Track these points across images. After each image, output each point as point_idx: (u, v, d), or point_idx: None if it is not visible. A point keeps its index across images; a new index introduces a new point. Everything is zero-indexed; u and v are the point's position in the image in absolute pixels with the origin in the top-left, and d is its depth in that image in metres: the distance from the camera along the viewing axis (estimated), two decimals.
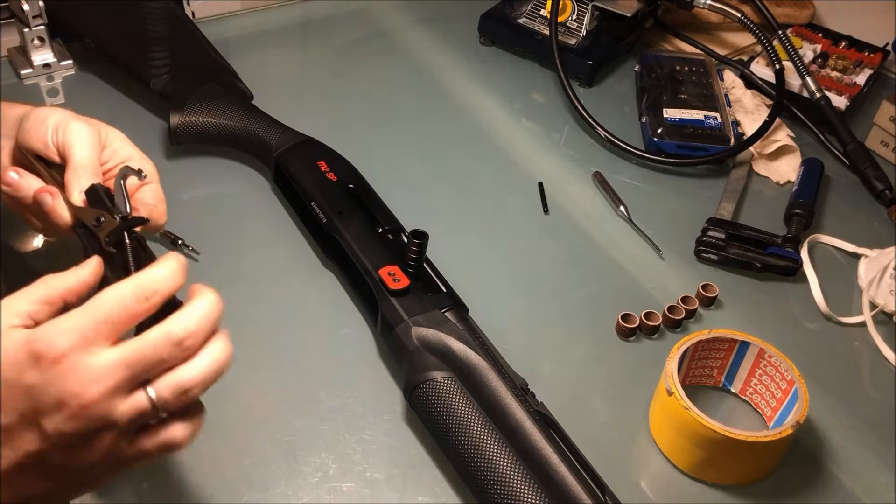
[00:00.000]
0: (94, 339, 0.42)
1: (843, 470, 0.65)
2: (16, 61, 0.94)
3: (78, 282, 0.47)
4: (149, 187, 0.62)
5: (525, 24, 1.06)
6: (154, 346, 0.43)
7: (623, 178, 0.90)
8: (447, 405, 0.58)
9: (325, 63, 1.04)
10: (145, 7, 0.93)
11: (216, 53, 0.92)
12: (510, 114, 0.99)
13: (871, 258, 0.81)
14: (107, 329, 0.42)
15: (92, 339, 0.42)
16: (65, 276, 0.47)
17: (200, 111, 0.82)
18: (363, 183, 0.78)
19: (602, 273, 0.80)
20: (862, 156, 0.92)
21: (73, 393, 0.41)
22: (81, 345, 0.42)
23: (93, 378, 0.42)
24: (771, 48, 0.94)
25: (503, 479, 0.54)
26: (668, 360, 0.63)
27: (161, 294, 0.44)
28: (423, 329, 0.62)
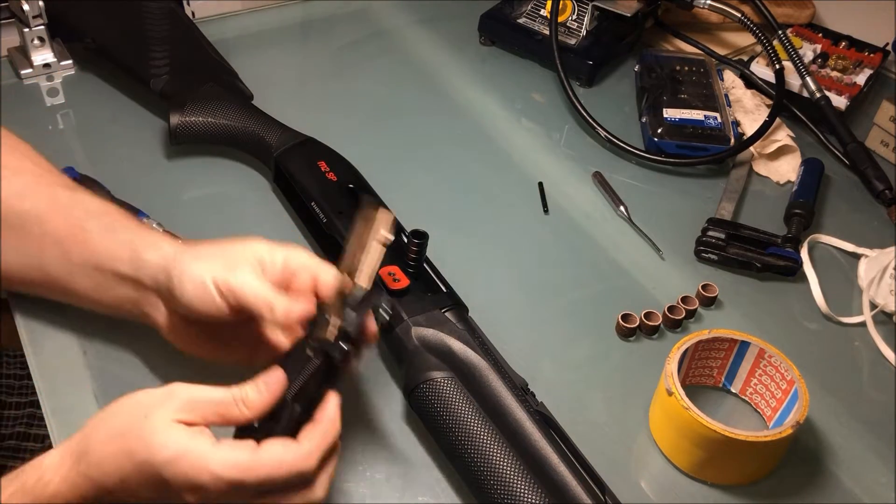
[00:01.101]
0: (246, 492, 0.47)
1: (843, 470, 0.65)
2: (16, 61, 0.94)
3: (262, 403, 0.49)
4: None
5: (525, 24, 1.06)
6: None
7: (623, 178, 0.90)
8: (447, 405, 0.58)
9: (325, 63, 1.04)
10: (145, 7, 0.93)
11: (216, 53, 0.92)
12: (510, 114, 0.99)
13: (871, 258, 0.81)
14: (259, 487, 0.47)
15: (246, 492, 0.47)
16: (252, 398, 0.49)
17: (200, 111, 0.82)
18: (363, 183, 0.78)
19: (602, 273, 0.80)
20: (862, 156, 0.92)
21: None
22: (240, 494, 0.47)
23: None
24: (771, 48, 0.94)
25: (503, 479, 0.54)
26: (668, 360, 0.63)
27: (309, 476, 0.49)
28: (423, 329, 0.62)
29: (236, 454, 0.46)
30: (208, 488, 0.46)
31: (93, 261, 0.59)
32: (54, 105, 0.92)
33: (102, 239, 0.59)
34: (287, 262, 0.56)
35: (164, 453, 0.46)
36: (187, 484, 0.46)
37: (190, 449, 0.46)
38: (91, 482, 0.47)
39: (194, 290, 0.54)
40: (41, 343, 0.67)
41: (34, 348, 0.67)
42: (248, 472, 0.46)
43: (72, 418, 0.62)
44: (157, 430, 0.46)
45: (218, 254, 0.56)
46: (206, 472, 0.45)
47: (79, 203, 0.61)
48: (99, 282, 0.60)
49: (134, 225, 0.61)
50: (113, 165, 0.83)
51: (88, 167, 0.81)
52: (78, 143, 0.87)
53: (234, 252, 0.56)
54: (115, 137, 0.88)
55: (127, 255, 0.58)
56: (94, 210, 0.61)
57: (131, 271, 0.58)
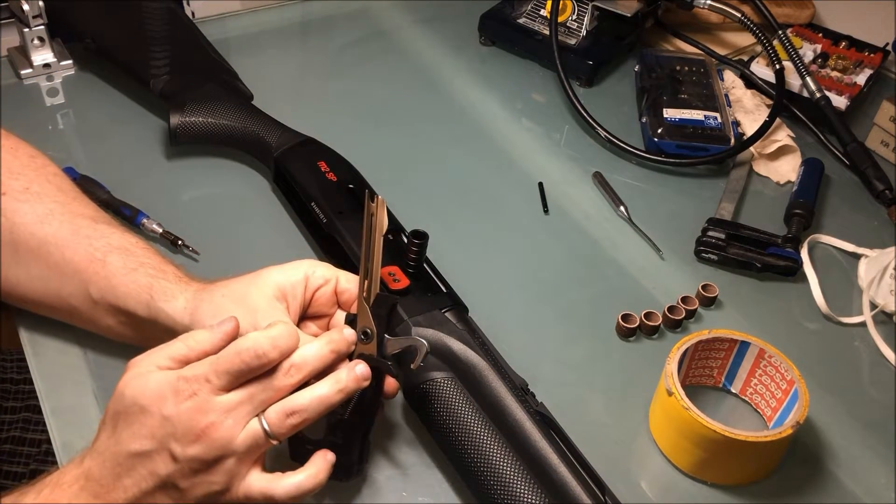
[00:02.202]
0: (220, 385, 0.49)
1: (843, 470, 0.65)
2: (16, 61, 0.94)
3: (213, 345, 0.51)
4: None
5: (525, 24, 1.06)
6: (265, 380, 0.51)
7: (623, 178, 0.90)
8: (447, 405, 0.58)
9: (325, 63, 1.04)
10: (145, 7, 0.93)
11: (216, 53, 0.92)
12: (510, 114, 0.99)
13: (871, 258, 0.81)
14: (229, 378, 0.50)
15: (217, 385, 0.49)
16: (202, 338, 0.52)
17: (200, 111, 0.82)
18: (363, 183, 0.78)
19: (602, 273, 0.80)
20: (862, 156, 0.92)
21: (202, 423, 0.49)
22: (210, 388, 0.49)
23: (220, 410, 0.49)
24: (771, 48, 0.94)
25: (503, 479, 0.54)
26: (668, 360, 0.63)
27: (269, 357, 0.50)
28: (423, 329, 0.62)
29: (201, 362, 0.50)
30: (179, 389, 0.49)
31: (111, 299, 0.60)
32: (54, 105, 0.92)
33: (122, 278, 0.60)
34: (308, 281, 0.57)
35: (114, 397, 0.50)
36: (160, 394, 0.49)
37: (158, 374, 0.49)
38: (93, 452, 0.51)
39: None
40: (41, 343, 0.67)
41: (34, 348, 0.67)
42: (213, 361, 0.50)
43: (72, 418, 0.62)
44: (123, 386, 0.50)
45: (234, 305, 0.57)
46: (174, 376, 0.49)
47: (102, 235, 0.62)
48: (120, 320, 0.61)
49: (154, 265, 0.61)
50: (113, 165, 0.83)
51: (88, 167, 0.81)
52: (78, 143, 0.87)
53: (251, 298, 0.57)
54: (115, 137, 0.88)
55: (144, 300, 0.59)
56: (115, 244, 0.61)
57: (148, 315, 0.59)
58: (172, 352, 0.51)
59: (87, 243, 0.61)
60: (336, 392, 0.52)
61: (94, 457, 0.50)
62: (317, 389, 0.51)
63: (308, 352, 0.52)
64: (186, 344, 0.51)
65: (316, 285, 0.58)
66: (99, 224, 0.63)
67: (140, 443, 0.49)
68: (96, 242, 0.61)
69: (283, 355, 0.50)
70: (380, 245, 0.54)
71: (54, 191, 0.64)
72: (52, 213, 0.62)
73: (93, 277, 0.60)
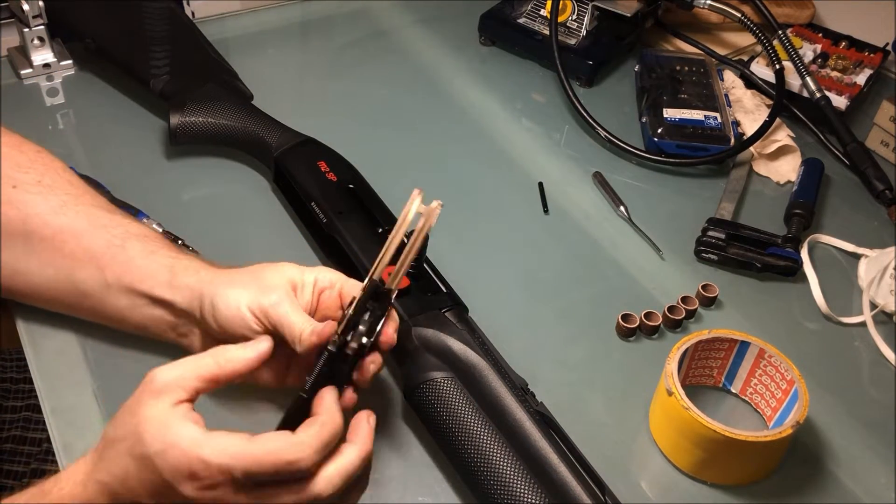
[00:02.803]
0: (239, 483, 0.46)
1: (843, 470, 0.65)
2: (16, 61, 0.94)
3: (245, 366, 0.51)
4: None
5: (525, 24, 1.06)
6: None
7: (623, 178, 0.90)
8: (447, 405, 0.58)
9: (325, 63, 1.04)
10: (145, 7, 0.93)
11: (216, 53, 0.92)
12: (510, 114, 0.99)
13: (871, 258, 0.81)
14: (250, 477, 0.47)
15: (243, 481, 0.46)
16: (234, 358, 0.50)
17: (200, 111, 0.82)
18: (363, 183, 0.78)
19: (602, 273, 0.80)
20: (862, 156, 0.92)
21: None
22: (234, 484, 0.46)
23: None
24: (771, 48, 0.94)
25: (503, 479, 0.54)
26: (668, 360, 0.63)
27: (303, 467, 0.47)
28: (423, 329, 0.62)
29: (228, 441, 0.46)
30: (200, 475, 0.46)
31: (128, 280, 0.60)
32: (54, 105, 0.92)
33: (142, 260, 0.60)
34: (316, 282, 0.57)
35: (156, 445, 0.46)
36: (179, 473, 0.46)
37: (181, 437, 0.46)
38: (100, 486, 0.48)
39: (228, 314, 0.56)
40: (41, 343, 0.67)
41: (34, 348, 0.67)
42: (239, 459, 0.46)
43: (72, 418, 0.62)
44: (145, 422, 0.47)
45: (251, 279, 0.57)
46: (196, 459, 0.45)
47: (118, 224, 0.63)
48: (133, 302, 0.61)
49: (173, 250, 0.62)
50: (113, 165, 0.83)
51: (88, 167, 0.81)
52: (78, 143, 0.87)
53: (267, 276, 0.57)
54: (115, 137, 0.88)
55: (165, 279, 0.60)
56: (134, 232, 0.62)
57: (167, 294, 0.60)
58: (202, 370, 0.49)
59: (105, 231, 0.62)
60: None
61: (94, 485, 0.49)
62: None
63: (348, 466, 0.49)
64: (217, 361, 0.50)
65: (322, 287, 0.58)
66: (114, 215, 0.64)
67: (150, 498, 0.48)
68: (114, 231, 0.62)
69: (318, 463, 0.48)
70: (393, 244, 0.53)
71: (65, 184, 0.64)
72: (65, 204, 0.63)
73: (110, 262, 0.61)
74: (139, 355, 0.66)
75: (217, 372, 0.50)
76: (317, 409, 0.50)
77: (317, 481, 0.48)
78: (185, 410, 0.48)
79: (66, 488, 0.49)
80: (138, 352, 0.66)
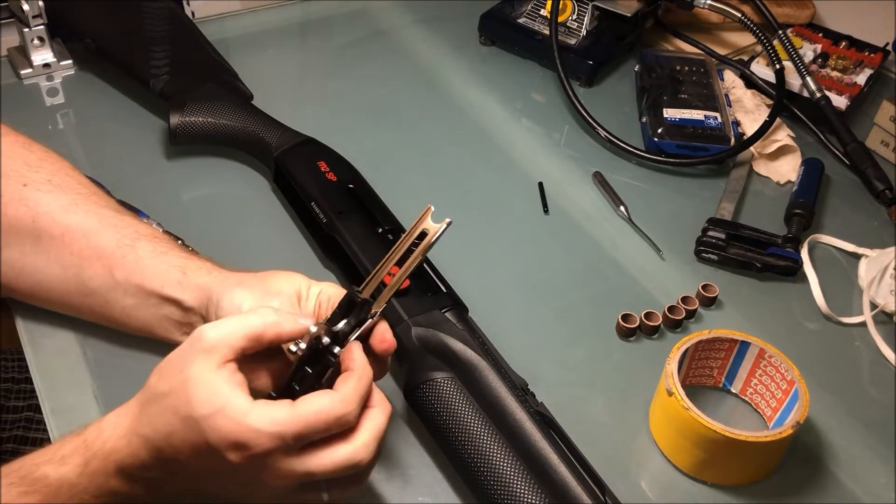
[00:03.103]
0: (290, 446, 0.47)
1: (843, 470, 0.65)
2: (16, 61, 0.94)
3: (290, 333, 0.51)
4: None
5: (525, 24, 1.06)
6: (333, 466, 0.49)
7: (623, 178, 0.90)
8: (447, 405, 0.58)
9: (325, 63, 1.04)
10: (145, 7, 0.93)
11: (216, 53, 0.92)
12: (510, 114, 0.99)
13: (871, 258, 0.81)
14: (302, 439, 0.47)
15: (290, 447, 0.47)
16: (283, 320, 0.50)
17: (200, 111, 0.82)
18: (363, 183, 0.78)
19: (602, 273, 0.80)
20: (862, 156, 0.92)
21: (261, 480, 0.48)
22: (285, 449, 0.47)
23: (280, 475, 0.48)
24: (771, 48, 0.94)
25: (503, 479, 0.54)
26: (668, 360, 0.63)
27: (350, 420, 0.49)
28: (423, 329, 0.62)
29: (274, 408, 0.47)
30: (249, 444, 0.46)
31: (137, 279, 0.60)
32: (54, 105, 0.92)
33: (153, 260, 0.61)
34: (320, 295, 0.57)
35: (203, 408, 0.46)
36: (228, 441, 0.46)
37: (229, 403, 0.46)
38: (144, 440, 0.48)
39: (229, 314, 0.56)
40: (41, 343, 0.67)
41: (34, 348, 0.67)
42: (288, 424, 0.46)
43: (72, 418, 0.62)
44: (193, 383, 0.47)
45: (258, 284, 0.57)
46: (245, 427, 0.46)
47: (128, 224, 0.63)
48: (140, 301, 0.61)
49: (184, 251, 0.63)
50: (113, 165, 0.83)
51: (88, 167, 0.81)
52: (78, 143, 0.87)
53: (274, 283, 0.57)
54: (115, 137, 0.88)
55: (176, 278, 0.60)
56: (144, 232, 0.63)
57: (177, 293, 0.60)
58: (248, 328, 0.49)
59: (115, 231, 0.62)
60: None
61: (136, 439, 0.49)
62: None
63: (381, 426, 0.51)
64: (264, 320, 0.50)
65: (320, 301, 0.58)
66: (124, 215, 0.64)
67: (194, 459, 0.48)
68: (124, 230, 0.62)
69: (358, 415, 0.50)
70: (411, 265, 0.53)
71: (75, 184, 0.65)
72: (75, 203, 0.63)
73: (119, 261, 0.61)
74: (139, 355, 0.66)
75: (262, 332, 0.49)
76: (348, 364, 0.51)
77: (359, 435, 0.49)
78: (231, 372, 0.48)
79: (109, 441, 0.49)
80: (138, 352, 0.66)
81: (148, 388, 0.49)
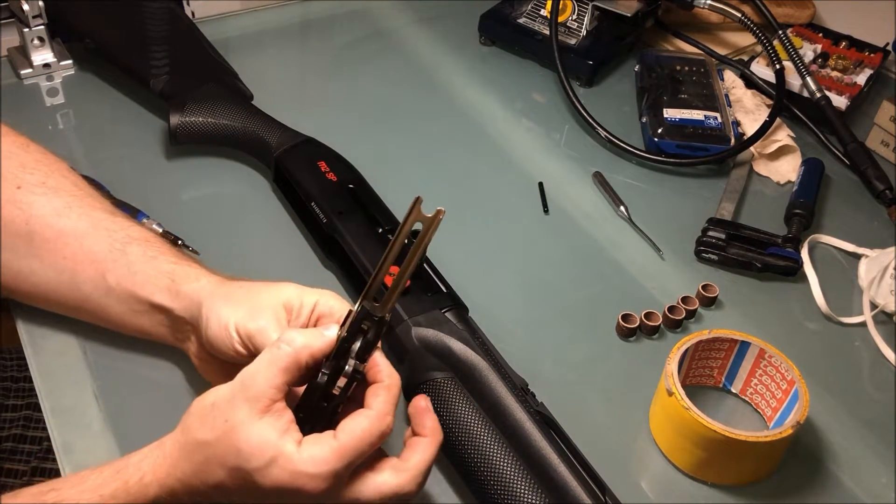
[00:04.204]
0: (343, 477, 0.48)
1: (843, 470, 0.65)
2: (16, 61, 0.94)
3: (322, 348, 0.49)
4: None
5: (525, 24, 1.06)
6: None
7: (623, 178, 0.90)
8: (447, 405, 0.58)
9: (325, 63, 1.04)
10: (145, 7, 0.93)
11: (216, 53, 0.92)
12: (510, 114, 0.99)
13: (871, 258, 0.81)
14: (352, 465, 0.48)
15: (343, 477, 0.47)
16: (309, 338, 0.49)
17: (200, 111, 0.82)
18: (363, 183, 0.78)
19: (602, 273, 0.80)
20: (862, 156, 0.92)
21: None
22: (340, 480, 0.47)
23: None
24: (771, 48, 0.94)
25: (503, 479, 0.54)
26: (669, 360, 0.63)
27: (390, 432, 0.49)
28: (423, 329, 0.62)
29: (321, 447, 0.46)
30: (306, 489, 0.46)
31: (128, 285, 0.60)
32: (54, 105, 0.92)
33: (143, 266, 0.60)
34: (316, 305, 0.56)
35: (255, 461, 0.46)
36: (284, 489, 0.46)
37: (281, 453, 0.46)
38: (188, 488, 0.48)
39: (217, 332, 0.55)
40: (41, 343, 0.67)
41: (34, 348, 0.67)
42: (338, 459, 0.46)
43: (72, 418, 0.62)
44: (241, 432, 0.46)
45: (246, 298, 0.56)
46: (299, 474, 0.46)
47: (121, 228, 0.62)
48: (132, 307, 0.61)
49: (174, 255, 0.62)
50: (113, 165, 0.83)
51: (88, 167, 0.81)
52: (78, 143, 0.87)
53: (262, 298, 0.56)
54: (115, 137, 0.88)
55: (165, 286, 0.59)
56: (135, 236, 0.62)
57: (166, 301, 0.59)
58: (282, 360, 0.48)
59: (107, 234, 0.61)
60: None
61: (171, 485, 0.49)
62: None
63: (428, 459, 0.51)
64: (294, 347, 0.48)
65: (321, 313, 0.56)
66: (117, 217, 0.64)
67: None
68: (116, 234, 0.62)
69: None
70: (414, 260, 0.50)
71: (70, 186, 0.64)
72: (69, 206, 0.62)
73: (111, 266, 0.60)
74: (139, 356, 0.66)
75: (296, 360, 0.48)
76: (374, 376, 0.50)
77: (407, 469, 0.50)
78: (277, 416, 0.47)
79: (151, 488, 0.48)
80: (138, 353, 0.66)
81: (188, 432, 0.48)
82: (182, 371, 0.65)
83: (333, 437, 0.47)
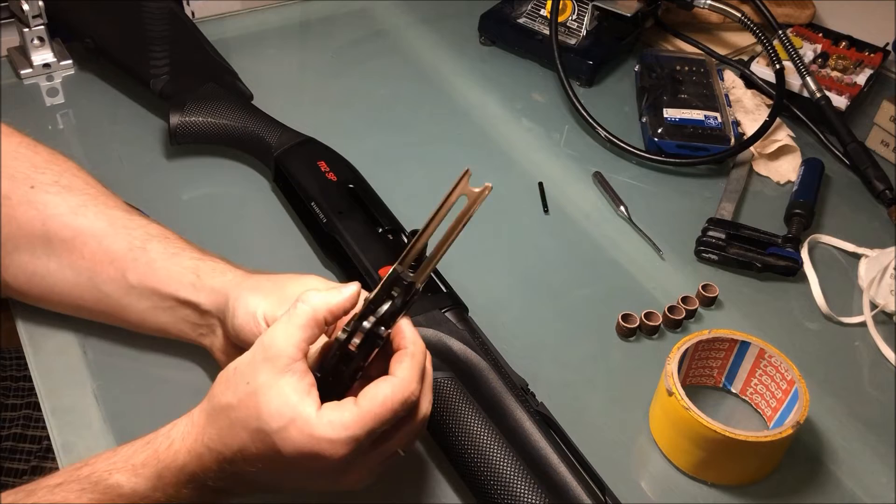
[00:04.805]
0: (364, 444, 0.47)
1: (843, 470, 0.65)
2: (16, 61, 0.94)
3: (340, 304, 0.49)
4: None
5: (525, 24, 1.06)
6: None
7: (623, 178, 0.90)
8: (447, 405, 0.58)
9: (325, 63, 1.04)
10: (145, 7, 0.93)
11: (216, 53, 0.92)
12: (510, 114, 0.99)
13: (871, 258, 0.81)
14: (374, 434, 0.47)
15: (364, 445, 0.47)
16: (327, 295, 0.49)
17: (200, 111, 0.82)
18: (363, 183, 0.78)
19: (602, 273, 0.80)
20: (862, 156, 0.92)
21: (342, 475, 0.49)
22: (361, 446, 0.47)
23: (359, 467, 0.49)
24: (771, 48, 0.94)
25: (503, 479, 0.54)
26: (669, 360, 0.63)
27: (414, 401, 0.49)
28: (423, 329, 0.62)
29: (342, 412, 0.46)
30: (325, 454, 0.46)
31: (151, 283, 0.60)
32: (54, 105, 0.92)
33: (165, 262, 0.60)
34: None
35: (274, 421, 0.46)
36: (303, 453, 0.46)
37: (299, 415, 0.46)
38: (215, 455, 0.48)
39: (245, 321, 0.55)
40: (41, 342, 0.67)
41: (34, 348, 0.67)
42: (359, 425, 0.46)
43: (72, 418, 0.62)
44: (262, 393, 0.46)
45: (273, 289, 0.56)
46: (318, 438, 0.46)
47: (138, 225, 0.62)
48: (156, 304, 0.60)
49: (196, 251, 0.62)
50: (113, 165, 0.83)
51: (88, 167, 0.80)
52: (78, 143, 0.87)
53: (289, 288, 0.56)
54: (115, 137, 0.88)
55: (189, 280, 0.59)
56: (154, 233, 0.62)
57: (192, 296, 0.59)
58: (302, 318, 0.48)
59: (126, 233, 0.61)
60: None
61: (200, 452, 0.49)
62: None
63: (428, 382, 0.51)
64: (313, 306, 0.48)
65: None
66: (133, 215, 0.63)
67: (273, 472, 0.48)
68: (134, 232, 0.61)
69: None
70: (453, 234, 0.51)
71: (83, 184, 0.64)
72: (84, 205, 0.62)
73: (132, 264, 0.60)
74: (139, 355, 0.66)
75: (315, 317, 0.48)
76: (399, 343, 0.50)
77: (422, 404, 0.50)
78: (298, 377, 0.47)
79: (180, 455, 0.48)
80: (138, 351, 0.66)
81: (213, 398, 0.49)
82: (182, 370, 0.65)
83: (354, 404, 0.47)
